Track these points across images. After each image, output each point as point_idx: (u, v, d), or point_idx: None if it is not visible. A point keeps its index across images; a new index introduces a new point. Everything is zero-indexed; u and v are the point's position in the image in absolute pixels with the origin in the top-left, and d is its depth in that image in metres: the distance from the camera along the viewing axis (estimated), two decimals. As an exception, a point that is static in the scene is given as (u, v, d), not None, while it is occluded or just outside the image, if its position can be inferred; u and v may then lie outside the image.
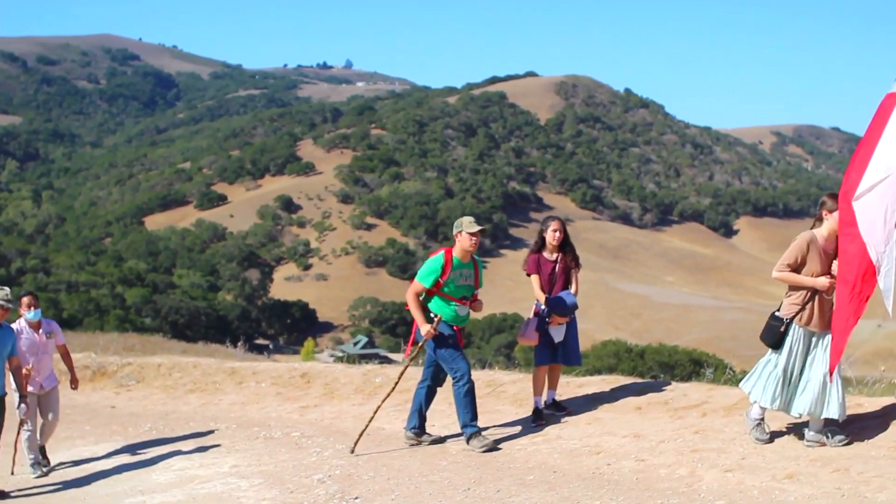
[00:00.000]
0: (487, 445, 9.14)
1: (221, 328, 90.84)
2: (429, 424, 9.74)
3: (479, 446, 9.15)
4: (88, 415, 13.45)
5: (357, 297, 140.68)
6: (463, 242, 9.20)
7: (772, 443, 8.11)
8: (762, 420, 8.25)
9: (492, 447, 9.15)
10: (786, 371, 7.90)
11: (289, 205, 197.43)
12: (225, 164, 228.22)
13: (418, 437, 9.65)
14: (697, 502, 7.09)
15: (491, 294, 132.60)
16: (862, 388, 11.09)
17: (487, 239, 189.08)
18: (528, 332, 9.68)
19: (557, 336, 9.71)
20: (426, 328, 9.09)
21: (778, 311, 8.08)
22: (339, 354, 69.50)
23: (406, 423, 9.78)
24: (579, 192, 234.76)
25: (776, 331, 7.96)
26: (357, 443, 9.56)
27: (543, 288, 9.72)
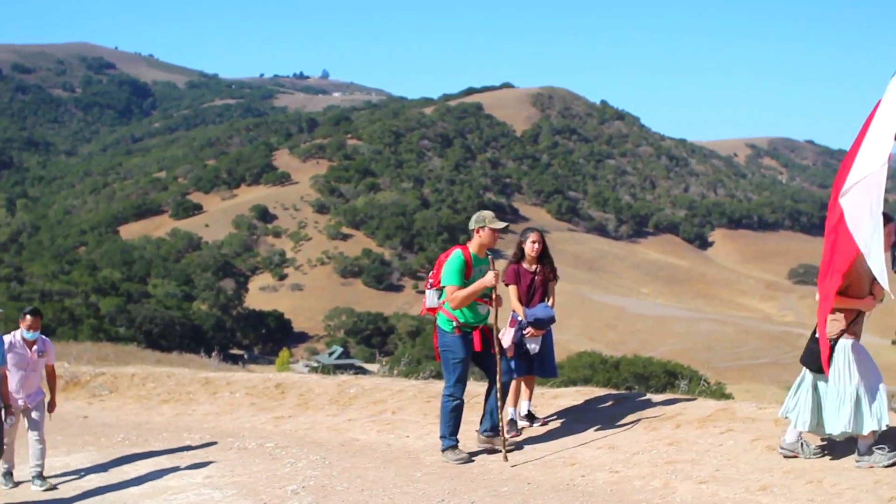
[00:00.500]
0: (462, 459, 9.12)
1: (196, 338, 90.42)
2: (402, 434, 9.71)
3: (453, 458, 9.14)
4: (60, 425, 13.35)
5: (332, 307, 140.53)
6: (485, 238, 9.07)
7: (824, 457, 7.84)
8: (801, 440, 7.94)
9: (467, 460, 9.14)
10: (832, 391, 7.57)
11: (264, 215, 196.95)
12: (200, 173, 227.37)
13: (491, 439, 9.39)
14: (671, 514, 7.11)
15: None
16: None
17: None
18: (504, 342, 9.67)
19: (533, 347, 9.72)
20: (490, 278, 8.85)
21: (816, 333, 7.71)
22: (315, 365, 69.51)
23: (479, 425, 9.54)
24: (555, 204, 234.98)
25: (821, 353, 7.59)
26: (506, 452, 9.06)
27: (521, 299, 9.73)
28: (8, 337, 9.84)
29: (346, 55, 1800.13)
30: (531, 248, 9.74)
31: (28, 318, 9.92)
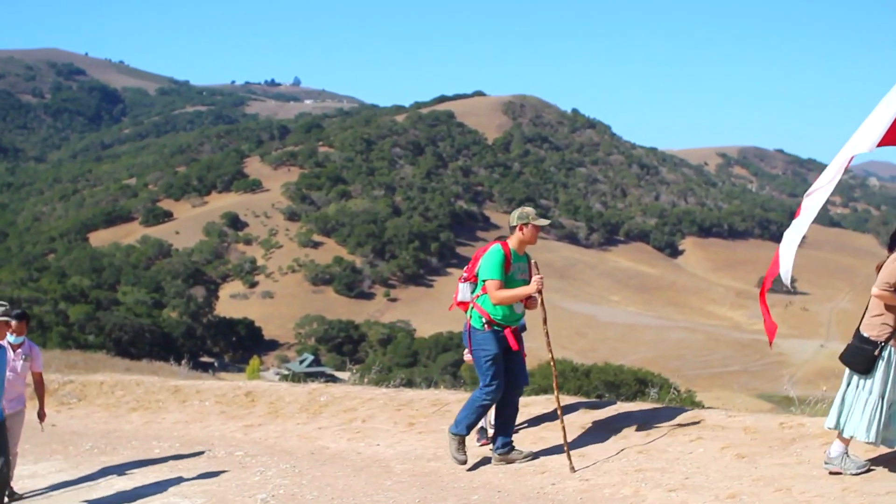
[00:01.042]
0: (461, 460, 8.95)
1: (166, 346, 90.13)
2: (372, 442, 9.67)
3: (455, 451, 8.95)
4: (28, 433, 13.18)
5: (303, 314, 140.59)
6: (528, 235, 8.84)
7: (870, 472, 7.50)
8: (847, 453, 7.59)
9: (463, 462, 8.95)
10: (882, 397, 7.32)
11: (235, 222, 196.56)
12: (171, 180, 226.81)
13: (505, 456, 9.08)
14: (641, 522, 7.12)
15: (436, 312, 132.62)
16: (804, 407, 11.23)
17: (434, 257, 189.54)
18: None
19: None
20: (534, 285, 8.69)
21: (862, 332, 7.47)
22: (285, 373, 69.27)
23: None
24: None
25: (869, 354, 7.36)
26: (571, 461, 8.69)
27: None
28: None
29: (317, 62, 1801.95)
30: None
31: (13, 321, 9.63)
